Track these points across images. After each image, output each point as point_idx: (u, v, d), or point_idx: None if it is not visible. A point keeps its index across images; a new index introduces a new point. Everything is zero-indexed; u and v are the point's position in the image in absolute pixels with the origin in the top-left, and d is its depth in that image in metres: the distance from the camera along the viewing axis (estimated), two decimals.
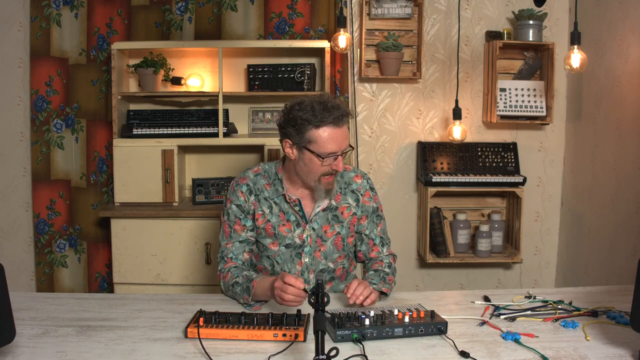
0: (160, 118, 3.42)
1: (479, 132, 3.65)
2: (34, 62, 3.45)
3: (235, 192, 2.12)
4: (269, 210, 2.10)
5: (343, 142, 1.97)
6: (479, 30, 3.57)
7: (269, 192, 2.10)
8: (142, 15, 3.46)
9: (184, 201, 3.46)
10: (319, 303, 1.47)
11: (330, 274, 2.15)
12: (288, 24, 3.49)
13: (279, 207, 2.10)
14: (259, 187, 2.11)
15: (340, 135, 1.96)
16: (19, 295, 1.97)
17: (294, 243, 2.09)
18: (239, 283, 1.97)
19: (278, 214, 2.10)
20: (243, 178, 2.13)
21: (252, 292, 1.91)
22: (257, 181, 2.12)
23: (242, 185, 2.11)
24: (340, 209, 2.12)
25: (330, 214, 2.12)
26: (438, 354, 1.57)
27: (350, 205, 2.14)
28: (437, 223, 3.48)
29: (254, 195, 2.10)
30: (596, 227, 3.27)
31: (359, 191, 2.16)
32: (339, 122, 1.95)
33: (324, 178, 2.00)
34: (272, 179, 2.12)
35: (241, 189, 2.11)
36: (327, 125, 1.94)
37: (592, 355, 1.56)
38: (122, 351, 1.57)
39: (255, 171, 2.15)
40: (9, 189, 3.58)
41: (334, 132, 1.94)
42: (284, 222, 2.09)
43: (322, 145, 1.95)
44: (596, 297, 2.00)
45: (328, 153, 1.95)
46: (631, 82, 2.88)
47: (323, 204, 2.10)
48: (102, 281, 3.56)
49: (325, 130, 1.94)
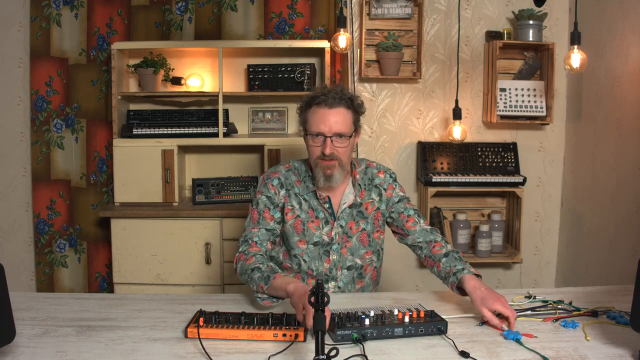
0: (160, 118, 3.42)
1: (479, 132, 3.65)
2: (34, 62, 3.45)
3: (266, 185, 2.13)
4: (298, 206, 2.12)
5: (333, 125, 1.99)
6: (479, 30, 3.57)
7: (300, 188, 2.13)
8: (142, 15, 3.46)
9: (184, 201, 3.46)
10: (319, 303, 1.47)
11: (357, 270, 2.15)
12: (288, 24, 3.49)
13: (309, 203, 2.12)
14: (290, 182, 2.13)
15: (330, 117, 1.99)
16: (19, 295, 1.97)
17: (322, 241, 2.11)
18: (261, 270, 1.90)
19: (307, 210, 2.11)
20: (275, 172, 2.15)
21: (271, 282, 1.82)
22: (289, 176, 2.14)
23: (273, 178, 2.13)
24: (365, 204, 2.15)
25: (355, 211, 2.14)
26: (438, 354, 1.57)
27: (374, 201, 2.16)
28: (437, 223, 3.48)
29: (285, 190, 2.12)
30: (596, 227, 3.27)
31: (381, 185, 2.18)
32: (330, 103, 1.99)
33: (320, 162, 2.02)
34: (303, 176, 2.14)
35: (272, 182, 2.12)
36: (317, 105, 2.01)
37: (592, 355, 1.56)
38: (122, 351, 1.57)
39: (287, 167, 2.17)
40: (9, 189, 3.58)
41: (323, 112, 1.99)
42: (313, 219, 2.11)
43: (311, 124, 2.02)
44: (596, 297, 2.00)
45: (314, 132, 2.00)
46: (631, 82, 2.88)
47: (349, 201, 2.12)
48: (102, 281, 3.56)
49: (315, 110, 2.01)
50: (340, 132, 2.00)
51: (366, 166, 2.20)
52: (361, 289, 2.18)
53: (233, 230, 3.26)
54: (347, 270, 2.14)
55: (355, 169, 2.16)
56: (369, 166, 2.20)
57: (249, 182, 3.45)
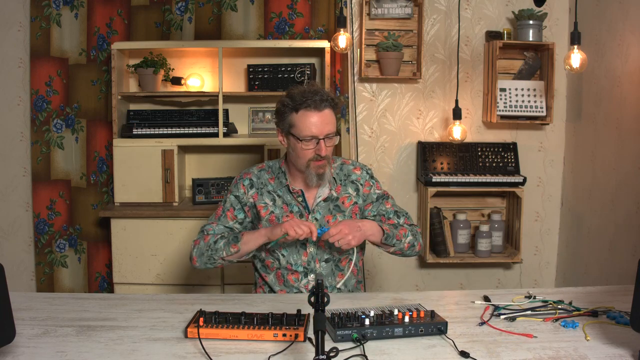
0: (160, 118, 3.42)
1: (479, 132, 3.65)
2: (34, 62, 3.45)
3: (237, 185, 2.22)
4: (272, 203, 2.17)
5: (324, 127, 2.03)
6: (479, 30, 3.57)
7: (273, 185, 2.19)
8: (142, 15, 3.46)
9: (184, 201, 3.46)
10: (319, 303, 1.47)
11: (335, 262, 2.18)
12: (288, 24, 3.49)
13: (282, 199, 2.16)
14: (262, 181, 2.20)
15: (319, 119, 2.03)
16: (19, 295, 1.97)
17: None
18: (224, 237, 2.09)
19: (281, 206, 2.16)
20: (247, 173, 2.24)
21: (242, 238, 2.05)
22: (261, 176, 2.21)
23: (245, 179, 2.21)
24: (342, 199, 2.19)
25: (332, 205, 2.18)
26: (438, 354, 1.57)
27: (351, 195, 2.20)
28: (437, 223, 3.48)
29: (255, 189, 2.18)
30: (596, 227, 3.27)
31: (358, 181, 2.23)
32: (317, 106, 2.02)
33: (312, 163, 2.07)
34: (276, 173, 2.20)
35: (243, 182, 2.21)
36: (304, 109, 2.03)
37: (592, 355, 1.56)
38: (122, 351, 1.57)
39: (260, 167, 2.25)
40: (9, 189, 3.58)
41: (311, 115, 2.02)
42: (287, 213, 2.16)
43: (300, 128, 2.04)
44: (596, 297, 2.00)
45: (306, 136, 2.03)
46: (631, 82, 2.88)
47: (324, 194, 2.16)
48: (102, 281, 3.56)
49: (303, 114, 2.03)
50: (330, 133, 2.06)
51: (341, 163, 2.26)
52: (344, 283, 2.20)
53: None
54: (325, 262, 2.18)
55: (330, 165, 2.19)
56: (344, 163, 2.26)
57: None
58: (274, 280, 2.20)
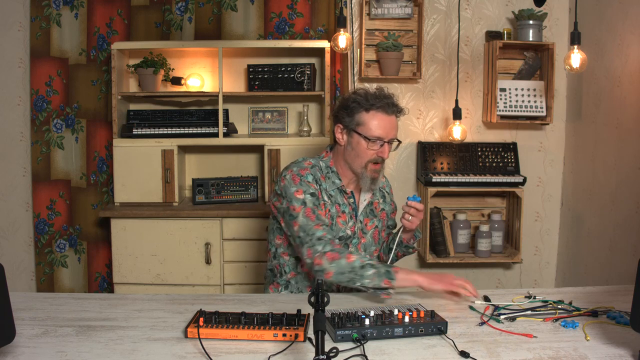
0: (160, 118, 3.43)
1: (479, 132, 3.65)
2: (34, 62, 3.45)
3: (301, 184, 2.07)
4: (329, 201, 2.14)
5: (390, 131, 2.06)
6: (479, 30, 3.57)
7: (326, 184, 2.15)
8: (142, 15, 3.46)
9: (184, 201, 3.46)
10: (319, 303, 1.47)
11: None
12: (288, 24, 3.49)
13: (335, 199, 2.15)
14: (317, 178, 2.13)
15: (388, 122, 2.05)
16: (19, 295, 1.96)
17: (346, 235, 2.15)
18: (374, 266, 1.91)
19: (334, 205, 2.15)
20: (303, 169, 2.10)
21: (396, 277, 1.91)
22: (314, 173, 2.13)
23: (306, 175, 2.10)
24: (374, 204, 2.25)
25: (368, 209, 2.23)
26: (438, 354, 1.57)
27: (380, 202, 2.27)
28: (437, 223, 3.48)
29: (318, 185, 2.12)
30: (596, 227, 3.27)
31: (384, 189, 2.31)
32: (387, 109, 2.05)
33: (370, 165, 2.08)
34: (326, 172, 2.16)
35: (307, 179, 2.09)
36: (375, 110, 2.04)
37: (592, 355, 1.56)
38: (122, 351, 1.57)
39: (309, 164, 2.14)
40: (9, 189, 3.58)
41: (382, 117, 2.04)
42: (340, 213, 2.15)
43: (369, 128, 2.04)
44: (596, 297, 2.00)
45: (374, 136, 2.04)
46: (631, 82, 2.88)
47: (367, 198, 2.21)
48: (102, 281, 3.56)
49: (374, 115, 2.04)
50: (394, 138, 2.09)
51: None
52: None
53: (233, 231, 3.26)
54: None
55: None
56: None
57: (249, 182, 3.45)
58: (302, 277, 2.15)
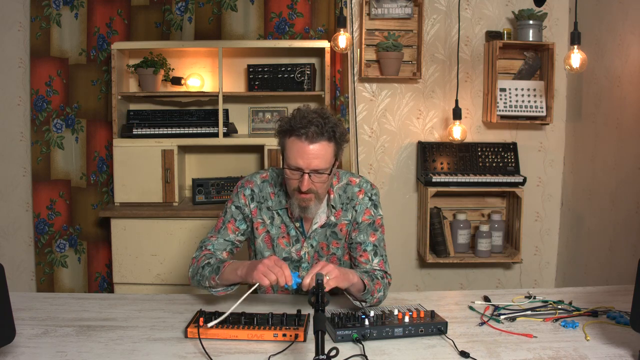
0: (160, 118, 3.42)
1: (479, 132, 3.65)
2: (34, 62, 3.45)
3: (237, 194, 2.07)
4: (270, 221, 2.05)
5: (311, 161, 1.83)
6: (479, 30, 3.57)
7: (273, 202, 2.04)
8: (142, 15, 3.46)
9: (184, 201, 3.46)
10: (319, 303, 1.47)
11: None
12: (288, 24, 3.49)
13: (281, 218, 2.04)
14: (263, 194, 2.05)
15: (309, 152, 1.82)
16: (19, 295, 1.97)
17: (291, 257, 2.06)
18: (210, 264, 1.91)
19: (279, 225, 2.05)
20: (249, 182, 2.07)
21: (222, 271, 1.84)
22: (263, 188, 2.05)
23: (246, 188, 2.06)
24: (340, 225, 2.05)
25: (329, 231, 2.05)
26: (438, 354, 1.57)
27: (349, 222, 2.05)
28: (437, 223, 3.48)
29: (255, 202, 2.05)
30: (596, 227, 3.27)
31: (357, 206, 2.04)
32: (310, 138, 1.81)
33: (296, 194, 1.90)
34: (277, 189, 2.05)
35: (244, 192, 2.06)
36: (295, 137, 1.83)
37: (592, 355, 1.56)
38: (122, 351, 1.57)
39: (263, 177, 2.07)
40: (9, 189, 3.58)
41: (302, 146, 1.82)
42: (284, 234, 2.05)
43: (288, 156, 1.86)
44: (596, 297, 2.01)
45: (292, 165, 1.85)
46: (631, 82, 2.88)
47: (320, 221, 2.03)
48: (102, 281, 3.56)
49: (293, 142, 1.84)
50: (318, 169, 1.85)
51: (347, 183, 2.06)
52: None
53: None
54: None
55: (332, 188, 2.03)
56: (349, 183, 2.06)
57: None
58: None
